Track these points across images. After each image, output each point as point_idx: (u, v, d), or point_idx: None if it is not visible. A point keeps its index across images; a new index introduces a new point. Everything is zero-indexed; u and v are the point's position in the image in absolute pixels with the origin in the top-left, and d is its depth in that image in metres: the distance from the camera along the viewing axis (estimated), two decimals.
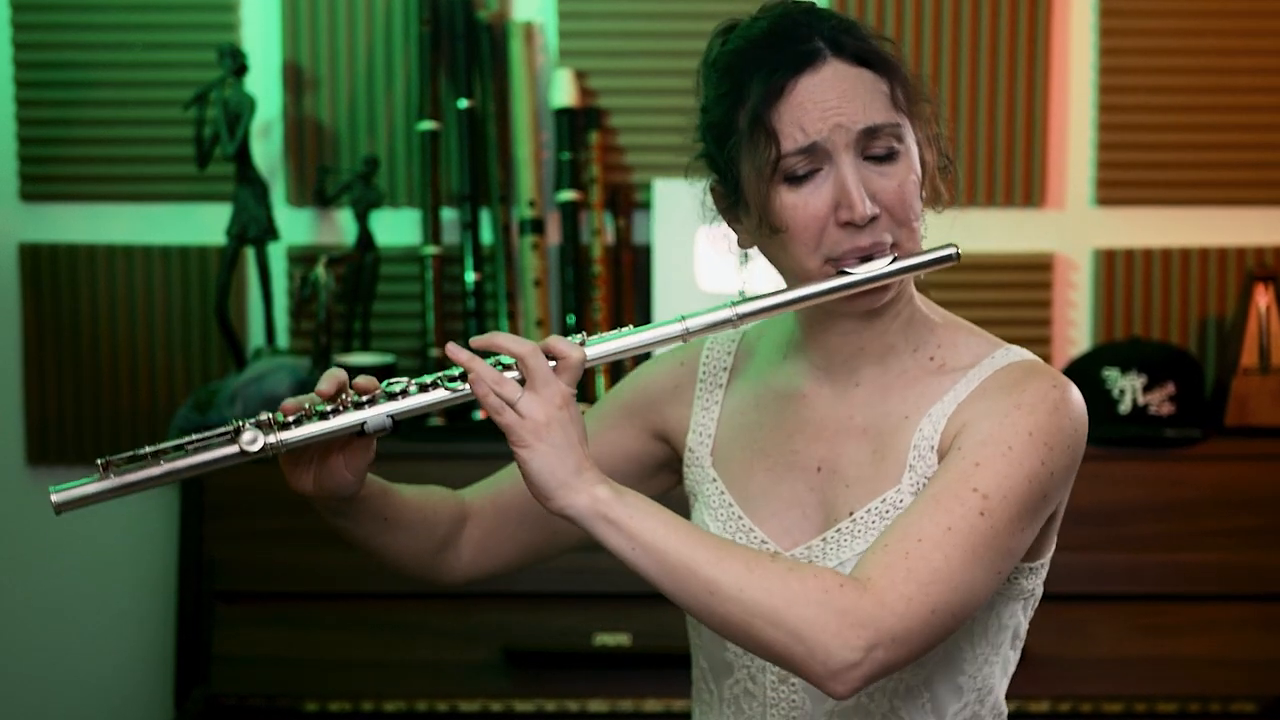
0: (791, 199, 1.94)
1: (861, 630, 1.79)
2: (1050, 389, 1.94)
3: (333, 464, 1.98)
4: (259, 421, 1.89)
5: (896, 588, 1.81)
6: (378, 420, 1.90)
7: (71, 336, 3.85)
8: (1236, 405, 3.63)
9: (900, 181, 1.94)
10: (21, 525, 3.91)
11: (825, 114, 1.92)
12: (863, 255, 1.94)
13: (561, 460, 1.85)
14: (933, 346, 2.05)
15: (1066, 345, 3.86)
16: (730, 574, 1.81)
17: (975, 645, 2.01)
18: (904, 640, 1.81)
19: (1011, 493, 1.87)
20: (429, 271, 3.74)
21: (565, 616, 3.37)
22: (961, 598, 1.84)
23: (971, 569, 1.84)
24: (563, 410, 1.86)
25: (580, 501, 1.85)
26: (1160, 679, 3.37)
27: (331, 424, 1.90)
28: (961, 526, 1.84)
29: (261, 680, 3.39)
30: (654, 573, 1.83)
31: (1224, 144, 3.85)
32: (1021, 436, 1.90)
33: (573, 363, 1.90)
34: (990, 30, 3.80)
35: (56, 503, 1.93)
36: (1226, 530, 3.45)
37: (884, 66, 1.97)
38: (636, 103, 3.82)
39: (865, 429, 2.03)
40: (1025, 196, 3.83)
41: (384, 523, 2.09)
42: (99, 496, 1.93)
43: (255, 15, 3.82)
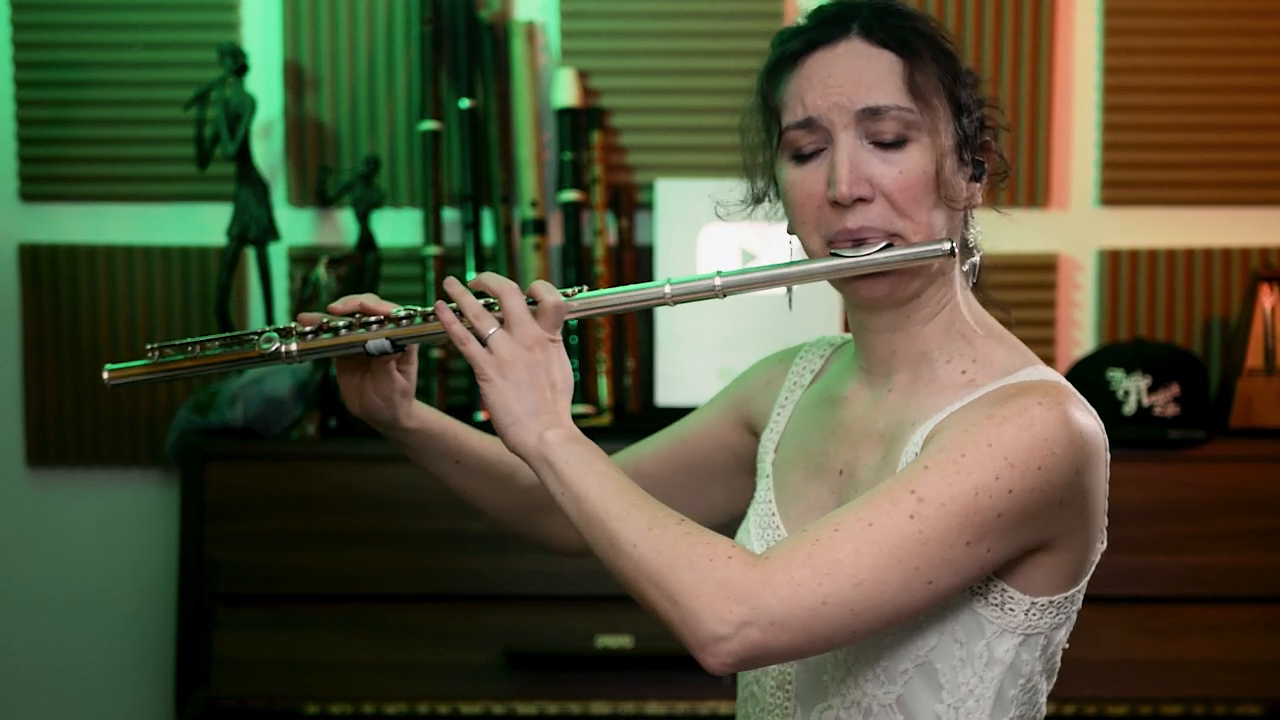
0: (793, 176, 1.95)
1: (736, 604, 1.75)
2: (1033, 405, 1.85)
3: (366, 389, 2.12)
4: (280, 329, 2.05)
5: (789, 570, 1.76)
6: (377, 342, 2.05)
7: (71, 337, 3.85)
8: (1241, 406, 3.63)
9: (903, 170, 1.91)
10: (22, 527, 3.91)
11: (828, 90, 1.91)
12: (854, 239, 1.92)
13: (520, 398, 1.91)
14: (967, 360, 2.00)
15: (1071, 346, 3.85)
16: (630, 529, 1.82)
17: (957, 670, 1.92)
18: (784, 624, 1.75)
19: (952, 502, 1.79)
20: (430, 272, 3.73)
21: (567, 618, 3.37)
22: (867, 596, 1.77)
23: (883, 569, 1.77)
24: (532, 351, 1.93)
25: (527, 439, 1.90)
26: (1165, 681, 3.37)
27: (337, 339, 2.05)
28: (885, 524, 1.78)
29: (262, 682, 3.39)
30: (574, 518, 1.87)
31: (1229, 144, 3.84)
32: (980, 446, 1.82)
33: (548, 307, 1.95)
34: (994, 30, 3.79)
35: (109, 379, 2.07)
36: (1232, 532, 3.45)
37: (908, 50, 1.93)
38: (639, 102, 3.81)
39: (883, 435, 2.01)
40: (1029, 197, 3.82)
41: (455, 465, 2.21)
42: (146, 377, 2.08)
43: (256, 14, 3.82)
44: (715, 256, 3.66)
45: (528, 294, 1.96)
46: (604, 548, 1.84)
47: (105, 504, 3.89)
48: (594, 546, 1.86)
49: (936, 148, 1.93)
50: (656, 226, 3.73)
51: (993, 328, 2.05)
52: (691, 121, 3.80)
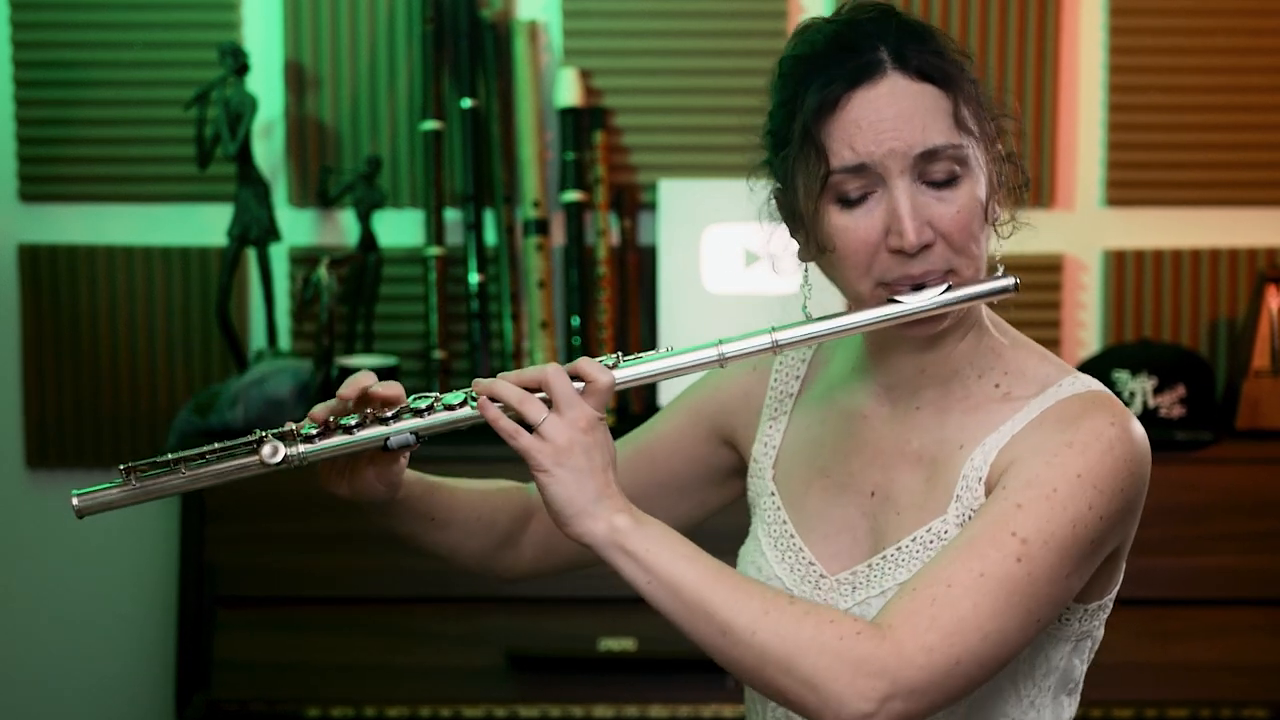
0: (842, 221, 1.86)
1: (876, 681, 1.73)
2: (1107, 426, 1.84)
3: (364, 473, 1.98)
4: (281, 433, 1.89)
5: (918, 637, 1.74)
6: (401, 437, 1.89)
7: (71, 339, 3.84)
8: (1248, 408, 3.62)
9: (959, 208, 1.86)
10: (22, 529, 3.91)
11: (880, 135, 1.84)
12: (915, 284, 1.87)
13: (581, 486, 1.82)
14: (999, 373, 1.96)
15: (1076, 347, 3.84)
16: (744, 616, 1.77)
17: (1019, 686, 1.93)
18: (923, 692, 1.75)
19: (1053, 538, 1.78)
20: (432, 273, 3.72)
21: (570, 621, 3.36)
22: (991, 648, 1.77)
23: (1003, 617, 1.76)
24: (587, 434, 1.83)
25: (598, 529, 1.82)
26: (1171, 684, 3.36)
27: (354, 438, 1.90)
28: (996, 573, 1.76)
29: (263, 685, 3.38)
30: (669, 608, 1.80)
31: (1235, 144, 3.83)
32: (1069, 479, 1.81)
33: (601, 386, 1.87)
34: (999, 30, 3.78)
35: (78, 506, 1.94)
36: (1238, 534, 3.44)
37: (949, 82, 1.88)
38: (642, 102, 3.80)
39: (920, 455, 1.96)
40: (1034, 197, 3.81)
41: (431, 522, 2.09)
42: (120, 502, 1.93)
43: (257, 14, 3.81)
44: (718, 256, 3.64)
45: (571, 372, 1.87)
46: (713, 636, 1.78)
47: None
48: (695, 633, 1.79)
49: (981, 176, 1.89)
50: (659, 227, 3.71)
51: (1017, 337, 2.02)
52: (695, 121, 3.78)
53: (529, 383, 1.87)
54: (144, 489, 1.91)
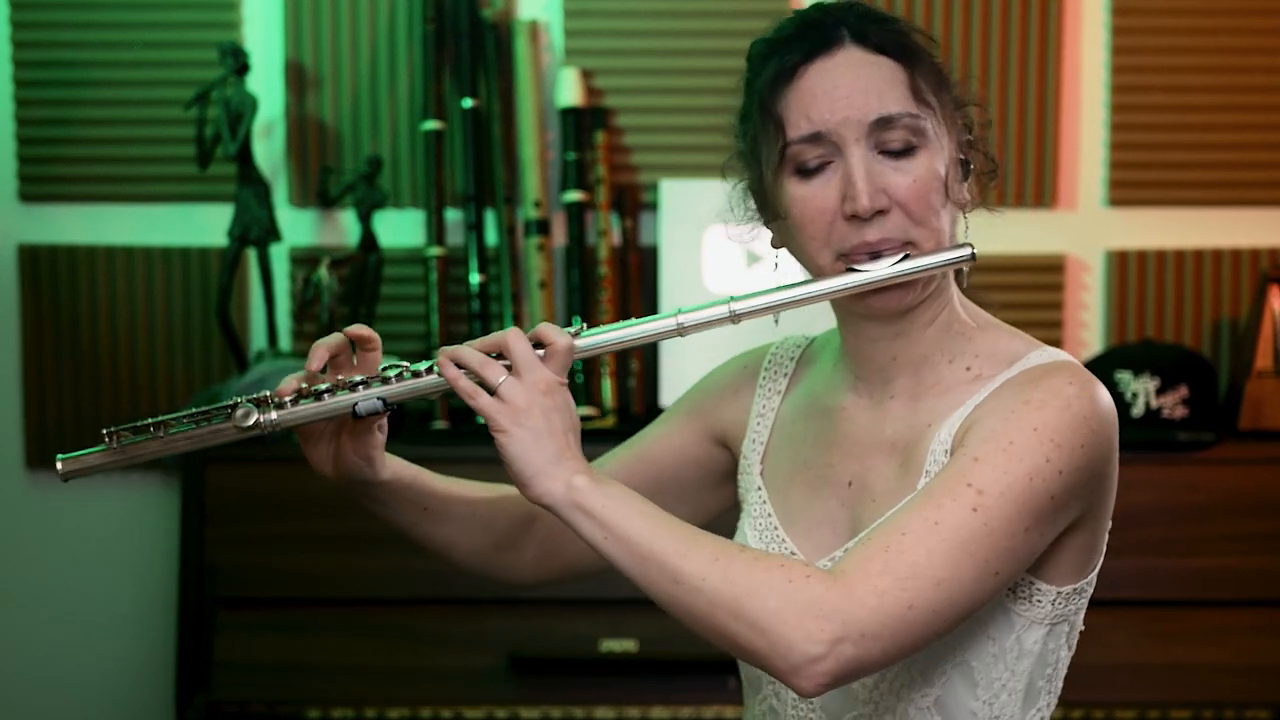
0: (801, 191, 1.90)
1: (825, 622, 1.72)
2: (1065, 385, 1.85)
3: (343, 449, 2.01)
4: (255, 399, 1.93)
5: (870, 580, 1.74)
6: (369, 403, 1.93)
7: (71, 339, 3.83)
8: (1250, 408, 3.61)
9: (916, 178, 1.87)
10: (22, 530, 3.90)
11: (834, 103, 1.87)
12: (871, 251, 1.89)
13: (539, 446, 1.84)
14: (970, 356, 1.98)
15: (1078, 348, 3.84)
16: (694, 563, 1.77)
17: (990, 666, 1.92)
18: (875, 635, 1.73)
19: (1010, 490, 1.79)
20: (433, 273, 3.71)
21: (571, 623, 3.35)
22: (947, 594, 1.76)
23: (958, 566, 1.76)
24: (545, 396, 1.86)
25: (556, 489, 1.83)
26: (1173, 686, 3.36)
27: (323, 404, 1.93)
28: (950, 521, 1.77)
29: (263, 686, 3.38)
30: (624, 562, 1.81)
31: (1237, 144, 3.83)
32: (1025, 432, 1.81)
33: (559, 349, 1.90)
34: (1001, 29, 3.77)
35: (63, 470, 1.96)
36: (1240, 535, 3.44)
37: (906, 55, 1.91)
38: (643, 102, 3.80)
39: (894, 442, 1.98)
40: (1037, 197, 3.81)
41: (423, 512, 2.11)
42: (103, 466, 1.97)
43: (257, 13, 3.81)
44: (720, 256, 3.64)
45: (532, 338, 1.91)
46: (666, 586, 1.79)
47: (105, 507, 3.87)
48: (650, 586, 1.80)
49: (941, 151, 1.91)
50: (661, 227, 3.71)
51: (986, 319, 2.03)
52: (696, 121, 3.78)
53: (491, 348, 1.91)
54: (125, 452, 1.95)
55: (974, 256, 1.92)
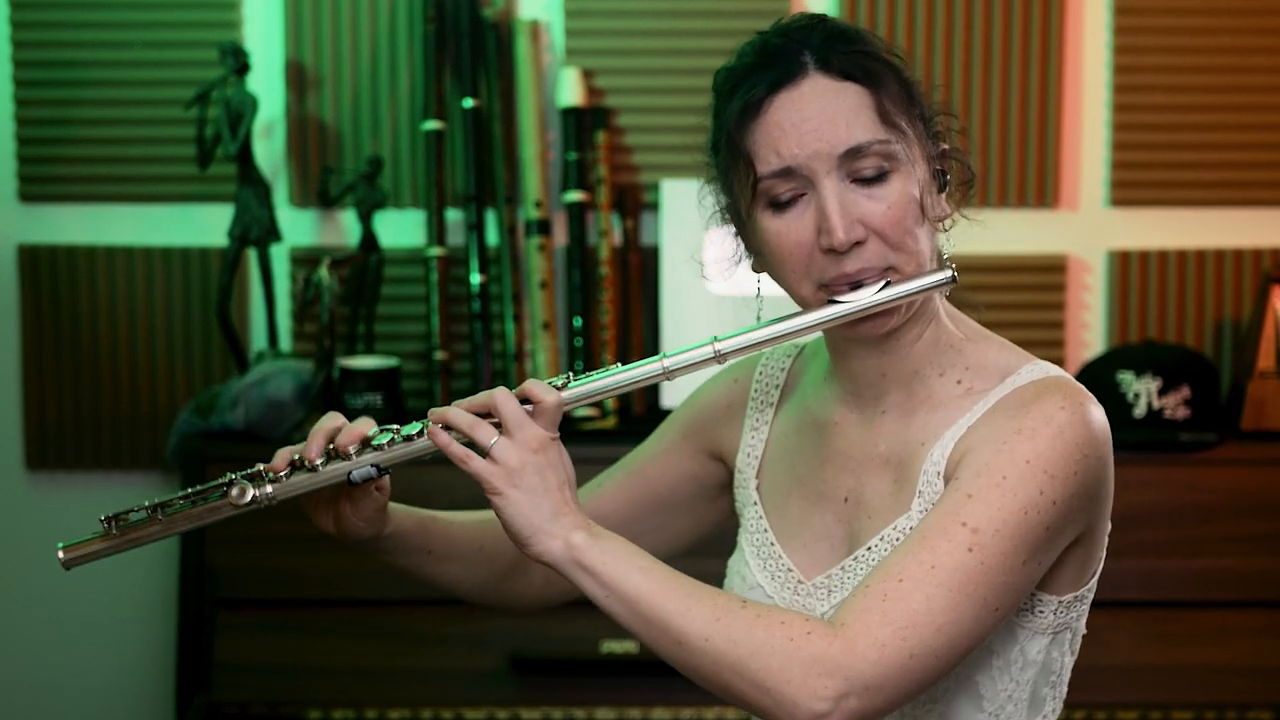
0: (775, 225, 1.89)
1: (829, 680, 1.74)
2: (1057, 411, 1.84)
3: (344, 511, 2.02)
4: (250, 474, 1.96)
5: (870, 632, 1.75)
6: (363, 471, 1.95)
7: (71, 340, 3.83)
8: (1253, 409, 3.61)
9: (890, 204, 1.86)
10: (21, 531, 3.90)
11: (802, 136, 1.86)
12: (851, 282, 1.88)
13: (535, 506, 1.85)
14: (960, 369, 1.97)
15: (1080, 348, 3.83)
16: (696, 624, 1.79)
17: (995, 679, 1.93)
18: (879, 688, 1.75)
19: (1005, 526, 1.79)
20: (434, 273, 3.71)
21: (572, 624, 3.34)
22: (946, 640, 1.77)
23: (958, 609, 1.77)
24: (538, 454, 1.86)
25: (555, 548, 1.84)
26: (1175, 687, 3.35)
27: (318, 476, 1.95)
28: (947, 564, 1.77)
29: (264, 688, 3.37)
30: (626, 620, 1.82)
31: (1240, 144, 3.82)
32: (1018, 465, 1.81)
33: (548, 407, 1.89)
34: (1003, 29, 3.77)
35: (64, 559, 2.05)
36: (1242, 536, 3.43)
37: (872, 79, 1.89)
38: (644, 102, 3.79)
39: (888, 458, 1.98)
40: (1038, 197, 3.80)
41: (428, 555, 2.13)
42: (104, 552, 2.06)
43: (257, 13, 3.80)
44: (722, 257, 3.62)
45: (519, 394, 1.90)
46: (669, 646, 1.81)
47: (105, 508, 3.81)
48: (653, 644, 1.82)
49: (915, 173, 1.90)
50: (662, 227, 3.70)
51: (975, 330, 2.02)
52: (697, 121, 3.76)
53: (479, 408, 1.90)
54: (125, 538, 2.03)
55: (954, 279, 1.90)
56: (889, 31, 3.75)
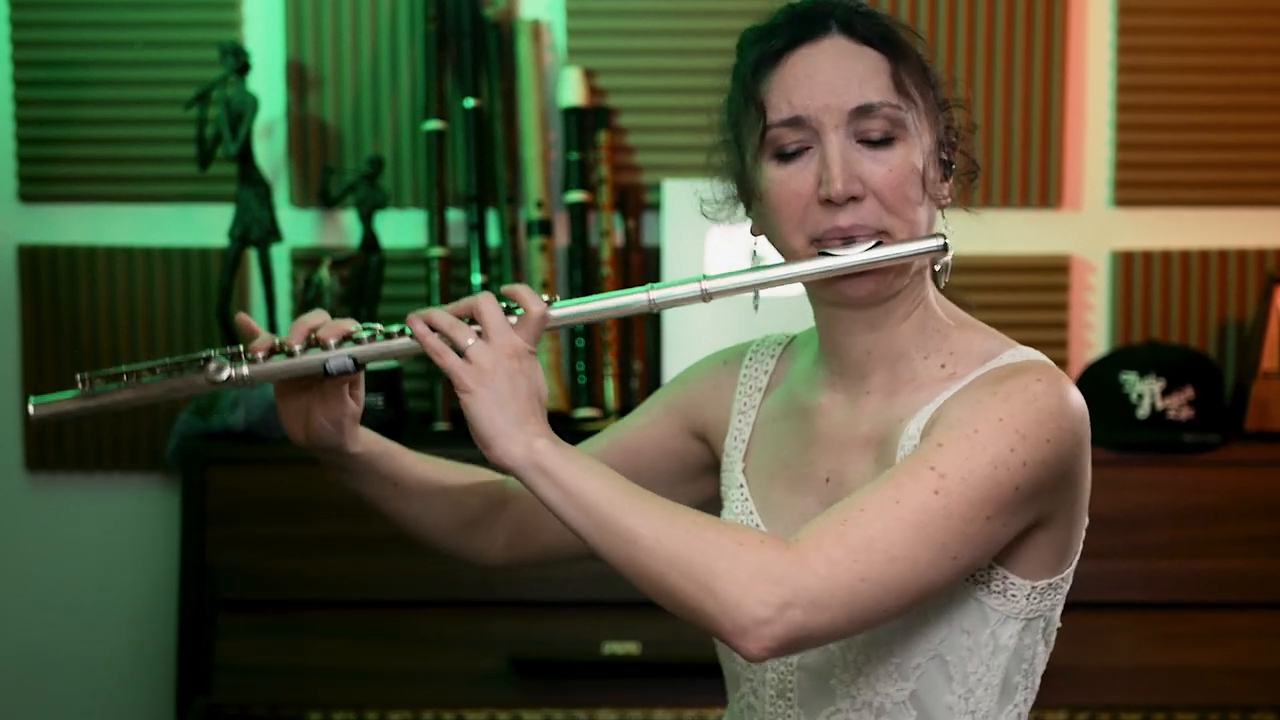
0: (779, 174, 1.92)
1: (775, 586, 1.74)
2: (1033, 381, 1.87)
3: (314, 413, 2.03)
4: (229, 352, 1.95)
5: (823, 549, 1.76)
6: (339, 361, 1.95)
7: (71, 340, 3.82)
8: (1256, 410, 3.60)
9: (892, 168, 1.90)
10: (21, 532, 3.89)
11: (814, 89, 1.90)
12: (844, 236, 1.91)
13: (502, 408, 1.86)
14: (945, 354, 2.00)
15: (1084, 349, 3.82)
16: (650, 523, 1.80)
17: (965, 660, 1.94)
18: (824, 604, 1.75)
19: (972, 475, 1.80)
20: (435, 274, 3.70)
21: (573, 625, 3.34)
22: (899, 572, 1.77)
23: (914, 544, 1.78)
24: (512, 360, 1.88)
25: (516, 451, 1.85)
26: (1179, 689, 3.35)
27: (294, 361, 1.95)
28: (911, 502, 1.79)
29: (264, 690, 3.37)
30: (582, 524, 1.83)
31: (1243, 144, 3.82)
32: (990, 421, 1.83)
33: (533, 316, 1.92)
34: (1006, 29, 3.76)
35: (35, 413, 2.04)
36: (1246, 537, 3.43)
37: (891, 47, 1.93)
38: (646, 102, 3.78)
39: (870, 438, 2.00)
40: (1042, 197, 3.79)
41: (394, 486, 2.14)
42: (75, 411, 2.04)
43: (258, 13, 3.80)
44: (723, 257, 3.62)
45: (508, 294, 1.93)
46: (621, 547, 1.81)
47: (105, 509, 3.86)
48: (605, 548, 1.82)
49: (921, 145, 1.93)
50: (664, 227, 3.69)
51: (963, 318, 2.05)
52: (699, 121, 3.71)
53: (463, 311, 1.92)
54: (97, 398, 2.01)
55: (946, 247, 1.94)
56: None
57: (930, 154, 1.94)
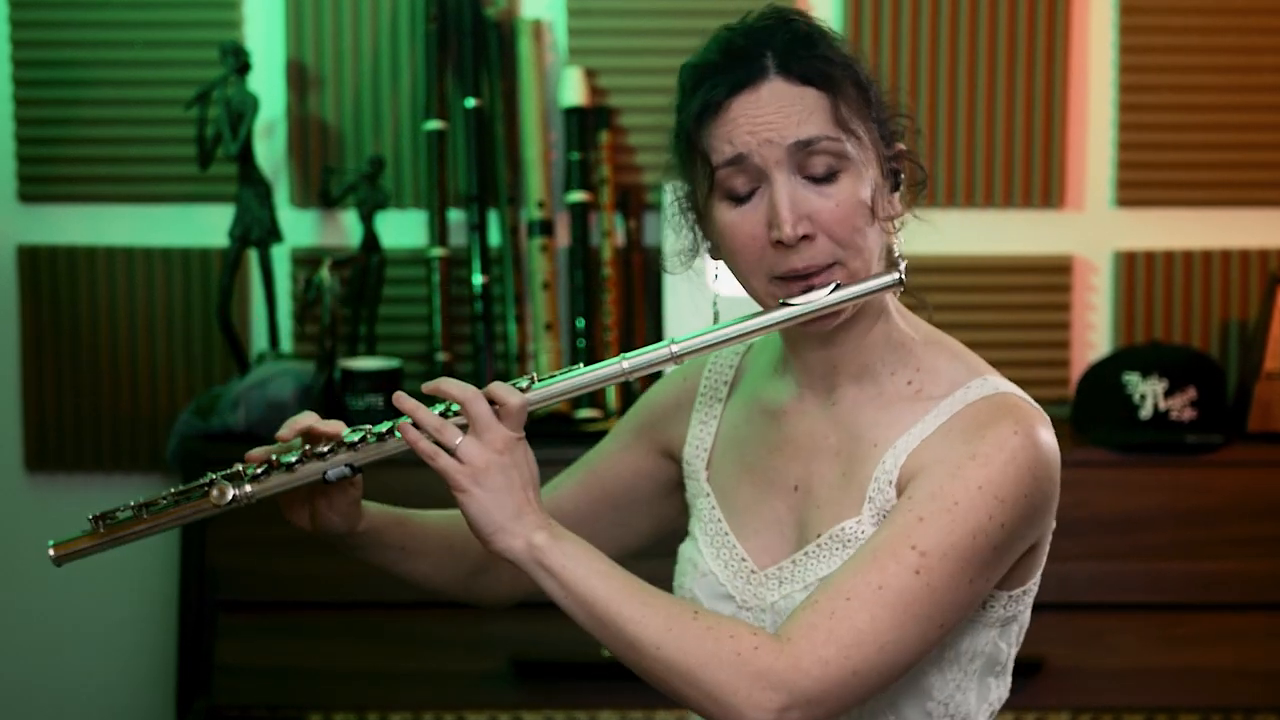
0: (730, 218, 1.97)
1: (774, 694, 1.83)
2: (1010, 435, 1.92)
3: (319, 507, 2.11)
4: (229, 474, 2.03)
5: (815, 650, 1.84)
6: (337, 470, 2.02)
7: (71, 341, 3.82)
8: (1259, 410, 3.59)
9: (838, 202, 1.94)
10: (21, 533, 3.89)
11: (755, 128, 1.94)
12: (801, 279, 1.95)
13: (499, 504, 1.91)
14: (911, 370, 2.04)
15: (1086, 349, 3.82)
16: (649, 632, 1.87)
17: (944, 671, 2.00)
18: (820, 702, 1.84)
19: (953, 550, 1.87)
20: (435, 274, 3.70)
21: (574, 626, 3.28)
22: (889, 658, 1.86)
23: (902, 629, 1.86)
24: (503, 455, 1.93)
25: (517, 546, 1.92)
26: (1182, 690, 3.34)
27: (294, 475, 2.03)
28: (894, 585, 1.86)
29: (264, 691, 3.36)
30: (584, 622, 1.92)
31: (1246, 144, 3.81)
32: (970, 491, 1.89)
33: (512, 408, 1.95)
34: (1009, 28, 3.75)
35: (55, 555, 2.07)
36: (1249, 538, 3.42)
37: (830, 84, 1.96)
38: (647, 102, 3.77)
39: (838, 450, 2.05)
40: (1044, 197, 3.79)
41: (401, 551, 2.21)
42: (93, 549, 2.08)
43: (258, 12, 3.79)
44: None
45: (488, 396, 1.97)
46: (623, 650, 1.90)
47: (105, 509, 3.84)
48: (608, 645, 1.91)
49: (866, 175, 1.97)
50: (665, 228, 3.68)
51: (928, 332, 2.09)
52: None
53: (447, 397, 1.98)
54: (113, 536, 2.06)
55: (902, 281, 1.98)
56: (893, 31, 3.74)
57: (877, 180, 1.98)
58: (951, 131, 3.77)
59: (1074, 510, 3.39)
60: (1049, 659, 3.31)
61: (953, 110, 3.77)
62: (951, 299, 3.75)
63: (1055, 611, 3.34)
